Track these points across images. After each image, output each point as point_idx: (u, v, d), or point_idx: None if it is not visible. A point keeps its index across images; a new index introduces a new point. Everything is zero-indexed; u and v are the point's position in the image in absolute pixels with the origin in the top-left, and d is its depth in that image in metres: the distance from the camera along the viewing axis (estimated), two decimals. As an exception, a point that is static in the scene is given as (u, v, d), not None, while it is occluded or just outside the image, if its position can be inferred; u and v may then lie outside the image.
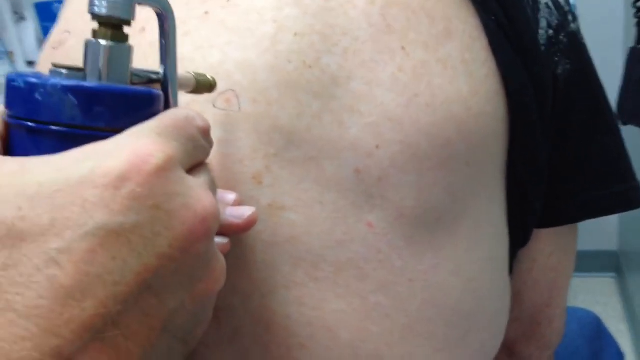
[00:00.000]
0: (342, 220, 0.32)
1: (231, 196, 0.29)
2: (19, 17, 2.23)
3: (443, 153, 0.33)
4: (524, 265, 0.44)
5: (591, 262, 2.09)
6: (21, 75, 0.23)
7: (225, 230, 0.29)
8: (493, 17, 0.35)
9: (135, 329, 0.21)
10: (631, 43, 1.41)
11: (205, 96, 0.32)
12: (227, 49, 0.33)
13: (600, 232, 2.10)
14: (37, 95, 0.23)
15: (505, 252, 0.39)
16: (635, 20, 1.38)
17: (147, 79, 0.27)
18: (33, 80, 0.23)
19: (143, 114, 0.24)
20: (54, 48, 0.40)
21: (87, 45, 0.25)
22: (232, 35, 0.33)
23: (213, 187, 0.26)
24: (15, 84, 0.23)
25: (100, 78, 0.25)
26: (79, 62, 0.38)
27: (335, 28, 0.33)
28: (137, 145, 0.22)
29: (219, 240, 0.28)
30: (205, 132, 0.26)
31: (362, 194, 0.32)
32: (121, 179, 0.21)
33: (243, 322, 0.32)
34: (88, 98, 0.23)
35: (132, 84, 0.26)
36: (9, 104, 0.24)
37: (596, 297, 2.04)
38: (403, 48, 0.33)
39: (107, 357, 0.20)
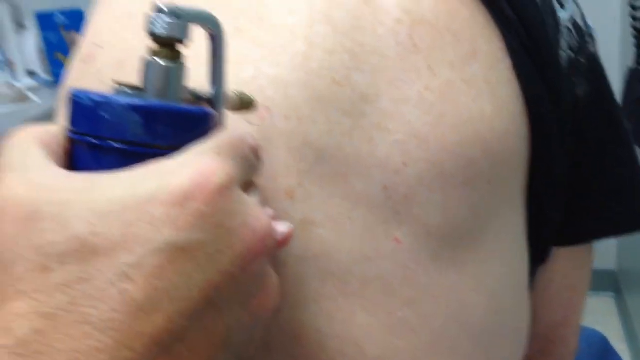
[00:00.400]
0: (371, 236, 0.32)
1: (268, 212, 0.30)
2: (20, 27, 2.23)
3: (468, 172, 0.33)
4: (540, 284, 0.44)
5: (590, 281, 2.09)
6: (86, 93, 0.24)
7: None
8: (517, 39, 0.36)
9: (198, 344, 0.22)
10: (628, 64, 1.43)
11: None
12: (260, 65, 0.33)
13: (599, 251, 2.11)
14: (103, 113, 0.23)
15: (525, 269, 0.39)
16: (634, 42, 1.40)
17: (197, 97, 0.27)
18: (99, 98, 0.24)
19: (200, 133, 0.25)
20: (84, 62, 0.40)
21: (147, 65, 0.26)
22: (265, 51, 0.33)
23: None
24: (81, 101, 0.24)
25: (159, 97, 0.25)
26: (104, 75, 0.39)
27: (364, 46, 0.33)
28: (199, 164, 0.22)
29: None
30: (257, 152, 0.27)
31: (389, 211, 0.33)
32: (186, 197, 0.21)
33: (274, 335, 0.32)
34: (152, 117, 0.24)
35: (184, 102, 0.26)
36: (73, 120, 0.25)
37: (595, 316, 2.04)
38: (429, 67, 0.33)
39: None
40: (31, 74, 2.22)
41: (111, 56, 0.40)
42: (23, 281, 0.20)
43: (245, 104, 0.30)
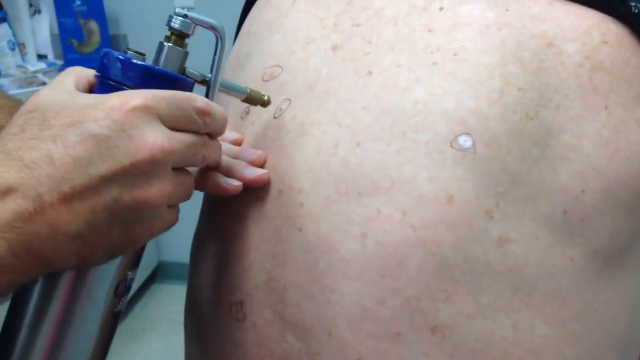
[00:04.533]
0: (551, 254, 0.37)
1: (251, 155, 0.42)
2: (35, 10, 2.22)
3: (635, 201, 0.38)
4: None
5: None
6: (105, 50, 0.38)
7: (239, 178, 0.41)
8: None
9: (87, 201, 0.33)
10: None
11: (443, 137, 0.37)
12: (461, 97, 0.37)
13: None
14: (105, 60, 0.37)
15: None
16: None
17: (201, 78, 0.40)
18: (105, 52, 0.37)
19: (161, 86, 0.36)
20: (264, 80, 0.44)
21: (159, 44, 0.39)
22: (464, 86, 0.37)
23: (194, 147, 0.37)
24: (102, 54, 0.38)
25: (157, 63, 0.38)
26: (291, 94, 0.43)
27: (549, 86, 0.38)
28: (131, 94, 0.34)
29: (229, 181, 0.41)
30: (200, 112, 0.37)
31: (566, 232, 0.37)
32: (111, 109, 0.33)
33: (465, 340, 0.36)
34: (126, 66, 0.37)
35: (186, 76, 0.39)
36: (97, 66, 0.38)
37: None
38: (606, 107, 0.38)
39: (65, 211, 0.32)
40: (41, 57, 2.21)
41: (293, 76, 0.43)
42: (9, 135, 0.33)
43: (253, 100, 0.42)
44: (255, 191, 0.42)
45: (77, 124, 0.33)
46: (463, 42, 0.39)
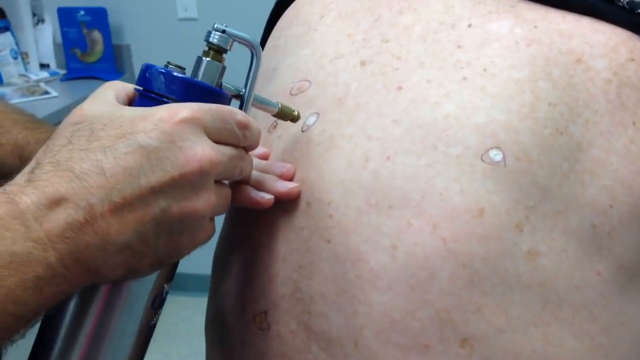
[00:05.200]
0: (580, 268, 0.37)
1: (280, 169, 0.42)
2: (38, 20, 2.23)
3: None
4: None
5: None
6: (146, 63, 0.38)
7: (271, 191, 0.41)
8: None
9: (137, 211, 0.33)
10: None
11: (474, 150, 0.37)
12: (492, 111, 0.38)
13: None
14: (147, 74, 0.37)
15: None
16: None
17: (236, 92, 0.41)
18: (147, 66, 0.38)
19: (201, 99, 0.37)
20: (292, 94, 0.45)
21: (197, 58, 0.39)
22: (495, 100, 0.38)
23: (235, 159, 0.37)
24: (142, 67, 0.38)
25: (193, 76, 0.39)
26: (320, 108, 0.43)
27: (578, 101, 0.38)
28: (178, 107, 0.35)
29: (261, 194, 0.41)
30: (241, 125, 0.37)
31: (594, 246, 0.37)
32: (160, 121, 0.33)
33: (494, 353, 0.37)
34: (168, 79, 0.37)
35: (221, 88, 0.39)
36: (137, 79, 0.38)
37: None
38: (634, 123, 0.38)
39: (115, 221, 0.32)
40: (44, 66, 2.22)
41: (322, 90, 0.44)
42: (56, 146, 0.33)
43: (284, 114, 0.42)
44: (283, 203, 0.42)
45: (127, 135, 0.33)
46: (492, 58, 0.39)
